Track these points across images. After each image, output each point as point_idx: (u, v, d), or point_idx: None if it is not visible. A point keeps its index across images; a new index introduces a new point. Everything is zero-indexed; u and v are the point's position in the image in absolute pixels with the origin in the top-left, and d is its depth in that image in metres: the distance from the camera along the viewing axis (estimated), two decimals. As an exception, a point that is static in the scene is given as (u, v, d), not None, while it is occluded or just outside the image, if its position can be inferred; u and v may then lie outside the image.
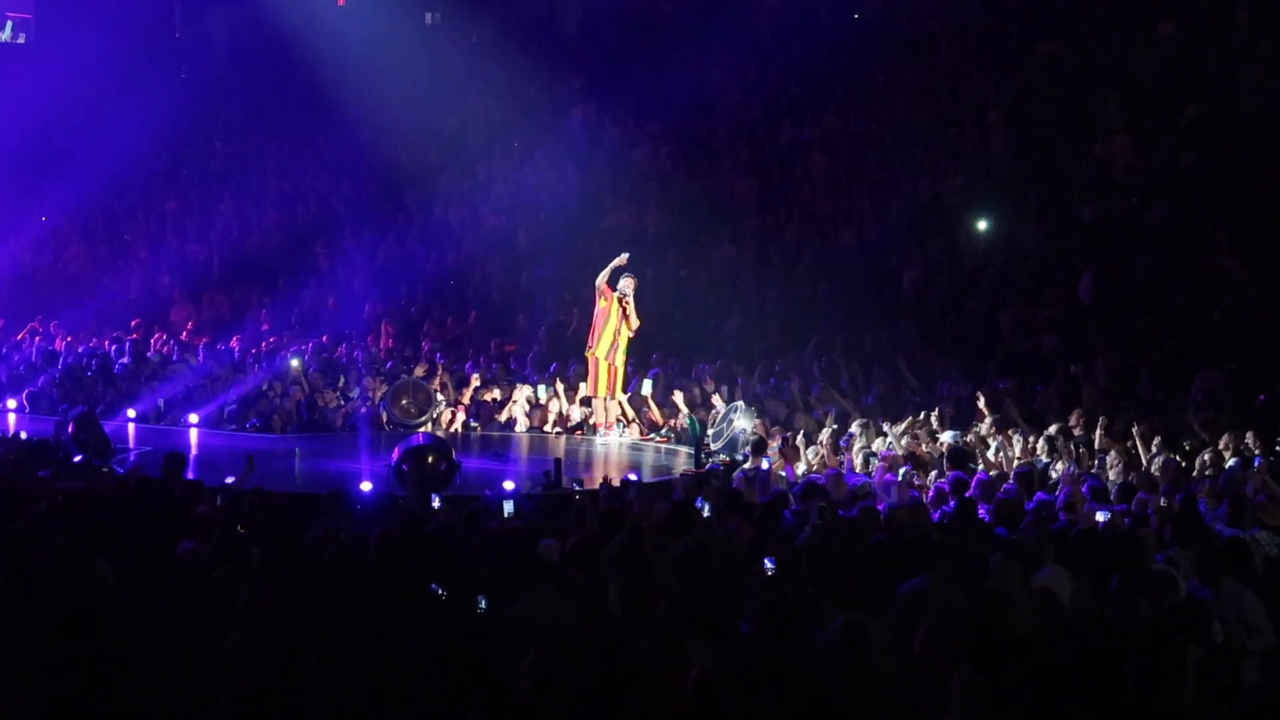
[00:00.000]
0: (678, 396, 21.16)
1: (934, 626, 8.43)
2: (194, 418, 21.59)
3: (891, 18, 31.28)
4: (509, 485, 15.51)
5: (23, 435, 18.41)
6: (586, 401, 21.92)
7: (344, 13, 35.20)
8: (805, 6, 31.70)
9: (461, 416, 22.30)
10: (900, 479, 15.63)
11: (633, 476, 16.45)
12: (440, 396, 22.11)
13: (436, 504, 13.64)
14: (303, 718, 7.61)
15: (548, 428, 22.06)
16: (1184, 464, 15.93)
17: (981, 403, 18.83)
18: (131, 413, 21.64)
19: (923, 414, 19.11)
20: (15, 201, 32.38)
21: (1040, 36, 27.88)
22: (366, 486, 15.02)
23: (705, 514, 13.01)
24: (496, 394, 22.80)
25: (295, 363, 23.41)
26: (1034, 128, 26.11)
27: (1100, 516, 12.63)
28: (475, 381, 22.75)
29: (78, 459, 16.25)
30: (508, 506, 13.06)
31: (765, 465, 16.30)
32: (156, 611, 8.96)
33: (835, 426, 19.04)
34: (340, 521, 11.96)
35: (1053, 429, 17.67)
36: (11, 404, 22.65)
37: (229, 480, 14.99)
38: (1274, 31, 24.83)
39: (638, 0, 35.98)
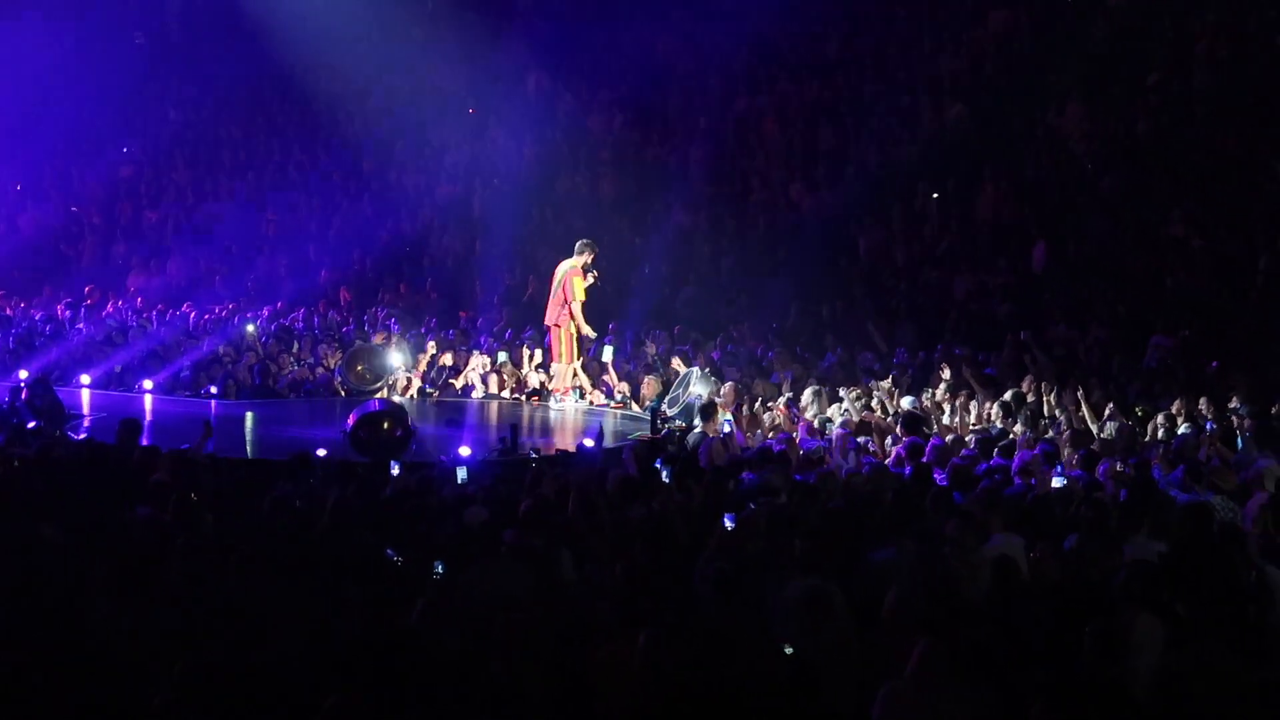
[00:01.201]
0: (650, 350, 21.06)
1: (902, 593, 8.46)
2: (149, 384, 21.50)
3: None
4: (465, 451, 15.47)
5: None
6: (542, 368, 21.96)
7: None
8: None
9: (418, 383, 22.24)
10: (856, 446, 15.66)
11: (589, 442, 16.44)
12: (396, 362, 22.03)
13: (395, 470, 13.59)
14: (256, 689, 7.58)
15: (504, 394, 22.05)
16: (1137, 430, 16.04)
17: (947, 372, 18.82)
18: (86, 378, 21.47)
19: (876, 381, 19.17)
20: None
21: (993, 5, 27.88)
22: (321, 453, 14.97)
23: (664, 479, 13.02)
24: (451, 359, 22.74)
25: (250, 328, 23.39)
26: (987, 96, 26.15)
27: (1056, 482, 12.70)
28: (431, 348, 22.68)
29: (31, 425, 16.15)
30: (461, 473, 13.03)
31: (727, 429, 16.28)
32: (109, 579, 8.88)
33: (791, 394, 19.09)
34: (299, 488, 11.93)
35: (1007, 395, 17.75)
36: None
37: (184, 446, 14.92)
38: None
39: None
